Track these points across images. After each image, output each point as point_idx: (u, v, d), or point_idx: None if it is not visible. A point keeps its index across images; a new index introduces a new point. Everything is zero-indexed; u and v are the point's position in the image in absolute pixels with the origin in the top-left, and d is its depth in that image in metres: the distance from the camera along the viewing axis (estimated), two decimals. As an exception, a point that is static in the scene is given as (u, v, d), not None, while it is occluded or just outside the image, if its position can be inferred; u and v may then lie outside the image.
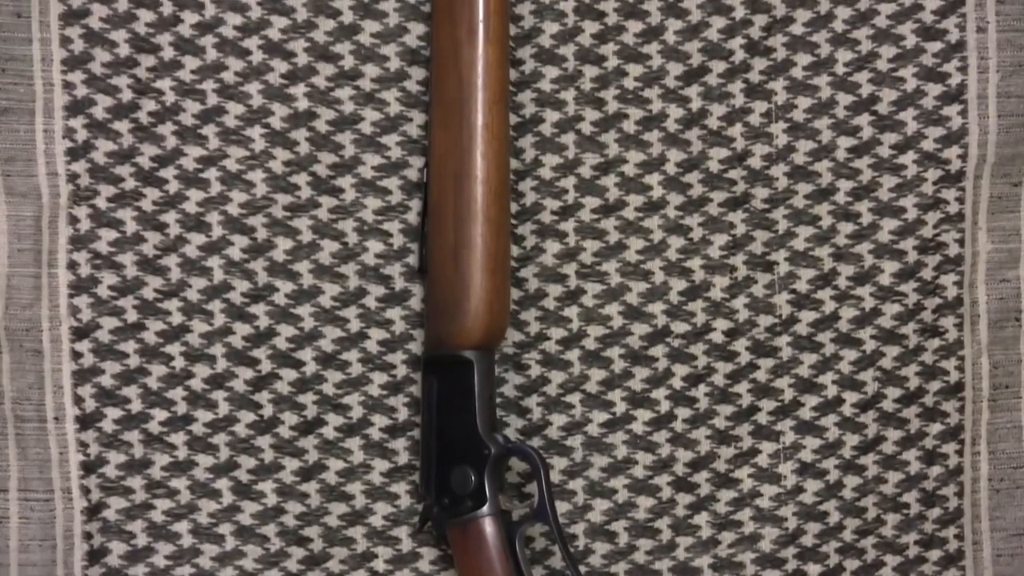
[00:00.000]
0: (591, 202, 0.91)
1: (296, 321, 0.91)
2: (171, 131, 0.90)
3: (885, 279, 0.91)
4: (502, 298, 0.86)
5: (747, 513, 0.92)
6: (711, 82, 0.91)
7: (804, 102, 0.91)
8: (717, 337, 0.91)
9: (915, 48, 0.90)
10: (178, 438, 0.91)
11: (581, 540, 0.92)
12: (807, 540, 0.92)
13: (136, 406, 0.90)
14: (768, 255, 0.91)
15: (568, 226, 0.91)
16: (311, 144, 0.90)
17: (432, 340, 0.86)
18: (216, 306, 0.90)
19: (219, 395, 0.90)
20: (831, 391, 0.91)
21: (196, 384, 0.90)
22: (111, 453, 0.90)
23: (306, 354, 0.91)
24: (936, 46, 0.90)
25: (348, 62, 0.90)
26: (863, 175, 0.91)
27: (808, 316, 0.91)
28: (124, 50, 0.89)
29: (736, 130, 0.91)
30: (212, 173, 0.90)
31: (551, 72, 0.91)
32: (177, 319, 0.90)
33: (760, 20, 0.90)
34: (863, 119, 0.91)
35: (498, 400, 0.90)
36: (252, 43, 0.90)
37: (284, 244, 0.90)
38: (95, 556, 0.90)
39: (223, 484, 0.91)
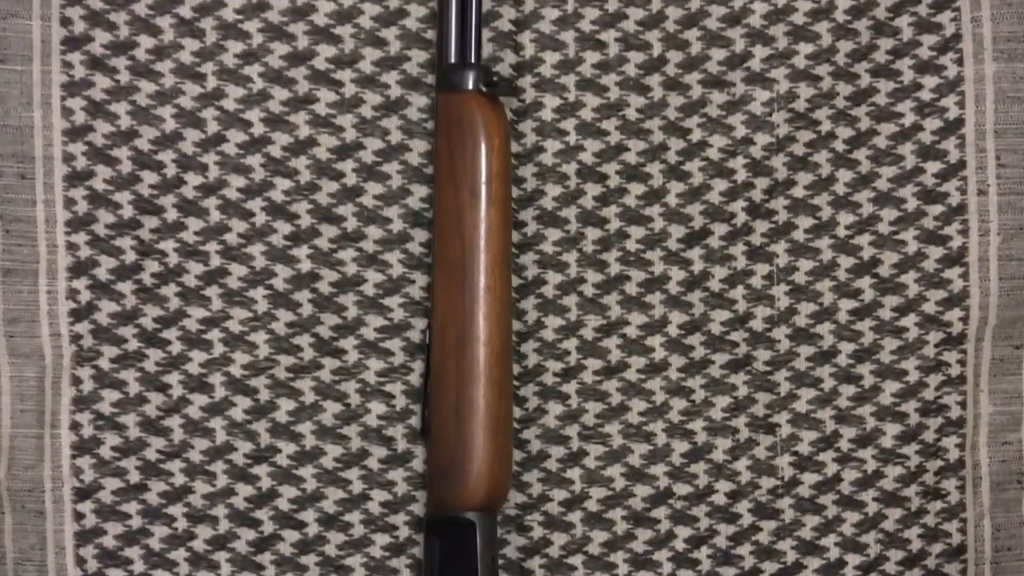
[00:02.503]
0: (593, 364, 0.91)
1: (298, 482, 0.91)
2: (174, 292, 0.90)
3: (887, 441, 0.91)
4: (504, 460, 0.86)
5: (751, 675, 0.92)
6: (713, 244, 0.91)
7: (806, 264, 0.91)
8: (719, 499, 0.91)
9: (916, 211, 0.91)
10: (180, 599, 0.91)
11: None
12: None
13: (138, 567, 0.90)
14: (770, 417, 0.91)
15: (570, 388, 0.91)
16: (314, 306, 0.91)
17: (434, 501, 0.86)
18: (219, 467, 0.90)
19: (221, 556, 0.90)
20: (833, 553, 0.91)
21: (198, 545, 0.90)
22: (113, 614, 0.91)
23: (308, 515, 0.91)
24: (937, 209, 0.91)
25: (351, 224, 0.91)
26: (865, 338, 0.91)
27: (810, 478, 0.91)
28: (127, 211, 0.90)
29: (738, 292, 0.91)
30: (215, 334, 0.90)
31: (553, 234, 0.91)
32: (179, 480, 0.90)
33: (762, 183, 0.91)
34: (864, 282, 0.91)
35: (500, 562, 0.90)
36: (255, 205, 0.90)
37: (287, 405, 0.91)
38: None
39: (225, 645, 0.91)
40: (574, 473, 0.91)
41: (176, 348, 0.90)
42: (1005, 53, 0.90)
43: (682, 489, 0.91)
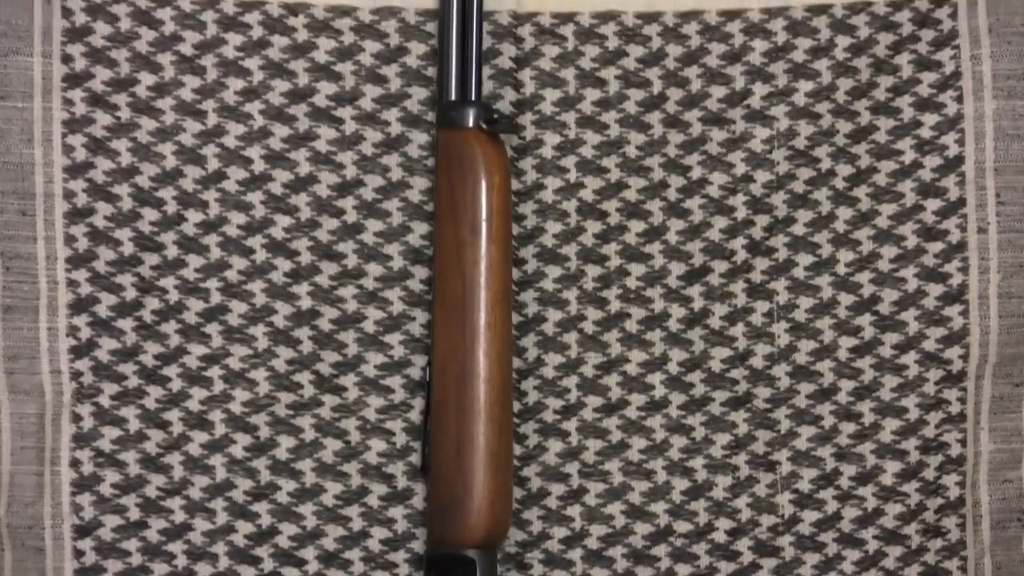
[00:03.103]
0: (593, 401, 0.91)
1: (298, 520, 0.91)
2: (174, 329, 0.90)
3: (887, 479, 0.91)
4: (504, 497, 0.86)
5: None
6: (713, 282, 0.91)
7: (806, 302, 0.91)
8: (720, 537, 0.91)
9: (916, 248, 0.91)
10: (179, 636, 0.91)
11: None
12: None
13: (138, 604, 0.90)
14: (770, 455, 0.91)
15: (571, 425, 0.91)
16: (314, 343, 0.91)
17: (434, 539, 0.86)
18: (219, 504, 0.90)
19: (221, 593, 0.91)
20: (834, 591, 0.92)
21: (198, 582, 0.91)
22: (112, 652, 0.90)
23: (308, 553, 0.91)
24: (937, 247, 0.91)
25: (351, 261, 0.91)
26: (865, 375, 0.91)
27: (811, 516, 0.91)
28: (128, 248, 0.90)
29: (738, 330, 0.91)
30: (215, 371, 0.90)
31: (554, 271, 0.91)
32: (180, 517, 0.90)
33: (762, 220, 0.91)
34: (865, 319, 0.91)
35: (500, 599, 0.90)
36: (256, 242, 0.90)
37: (287, 442, 0.91)
38: None
39: None
40: (574, 511, 0.91)
41: (176, 385, 0.90)
42: (1005, 90, 0.90)
43: (682, 527, 0.91)
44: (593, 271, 0.91)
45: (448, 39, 0.87)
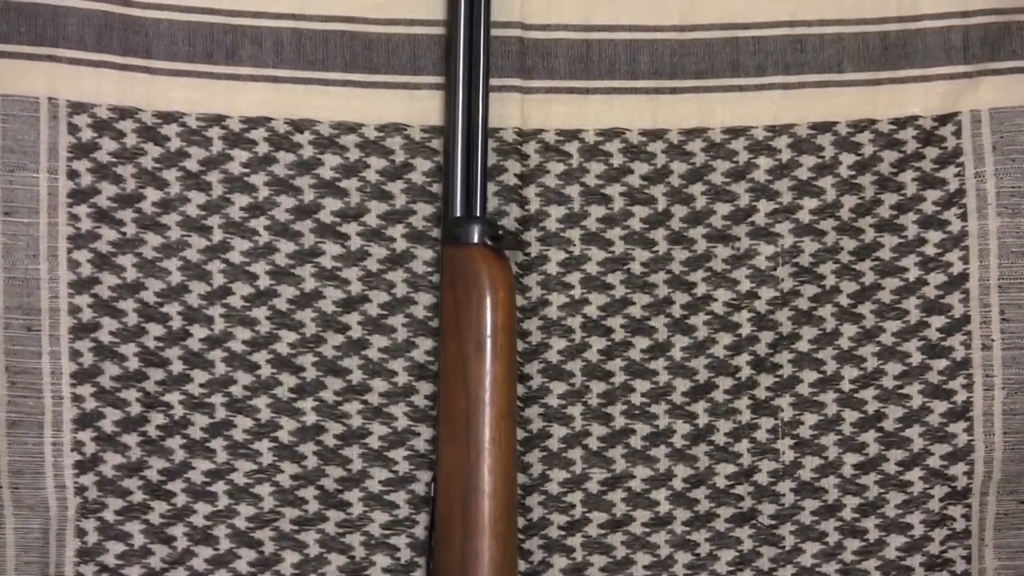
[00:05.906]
0: (598, 517, 0.91)
1: (303, 636, 0.91)
2: (179, 444, 0.90)
3: (892, 596, 0.91)
4: (510, 613, 0.86)
5: None
6: (718, 398, 0.91)
7: (810, 419, 0.91)
8: (724, 653, 0.92)
9: (921, 366, 0.91)
10: None
11: None
12: None
13: None
14: (775, 571, 0.91)
15: (575, 541, 0.91)
16: (319, 458, 0.91)
17: (440, 656, 0.86)
18: (223, 620, 0.90)
19: None
20: None
21: None
22: None
23: (313, 670, 0.91)
24: (941, 363, 0.91)
25: (356, 376, 0.91)
26: (870, 492, 0.91)
27: (815, 634, 0.92)
28: (133, 364, 0.90)
29: (743, 446, 0.91)
30: (220, 487, 0.90)
31: (558, 388, 0.91)
32: (183, 633, 0.90)
33: (766, 337, 0.91)
34: (869, 436, 0.91)
35: None
36: (261, 357, 0.90)
37: (291, 558, 0.91)
38: None
39: None
40: (578, 627, 0.92)
41: (181, 500, 0.90)
42: (1009, 208, 0.90)
43: (687, 643, 0.92)
44: (598, 387, 0.91)
45: (453, 155, 0.87)
